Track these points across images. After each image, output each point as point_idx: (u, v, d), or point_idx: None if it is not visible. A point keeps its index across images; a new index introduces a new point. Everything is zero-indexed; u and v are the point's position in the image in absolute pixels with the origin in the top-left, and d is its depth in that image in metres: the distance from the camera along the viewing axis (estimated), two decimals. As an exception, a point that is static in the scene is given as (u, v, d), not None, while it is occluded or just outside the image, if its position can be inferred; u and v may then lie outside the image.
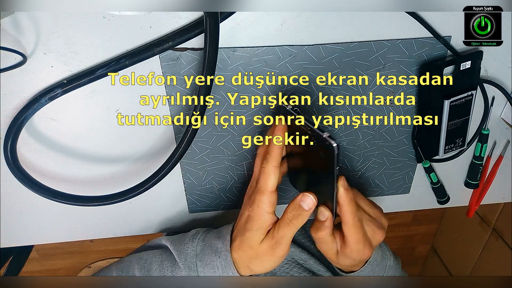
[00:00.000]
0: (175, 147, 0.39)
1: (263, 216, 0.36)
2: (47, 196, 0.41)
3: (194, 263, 0.40)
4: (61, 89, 0.38)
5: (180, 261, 0.41)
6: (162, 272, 0.42)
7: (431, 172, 0.53)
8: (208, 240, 0.41)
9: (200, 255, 0.40)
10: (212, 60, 0.35)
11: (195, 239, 0.42)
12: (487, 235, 1.37)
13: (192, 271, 0.40)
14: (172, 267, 0.42)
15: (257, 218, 0.36)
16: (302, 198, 0.36)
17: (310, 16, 0.38)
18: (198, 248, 0.41)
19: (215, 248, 0.40)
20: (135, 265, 0.44)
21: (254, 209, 0.37)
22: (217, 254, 0.39)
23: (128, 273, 0.44)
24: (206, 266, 0.39)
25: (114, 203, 0.42)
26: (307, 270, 0.51)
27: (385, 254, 0.46)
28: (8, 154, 0.39)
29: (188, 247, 0.42)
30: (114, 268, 0.46)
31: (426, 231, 1.76)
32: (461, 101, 0.44)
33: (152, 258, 0.44)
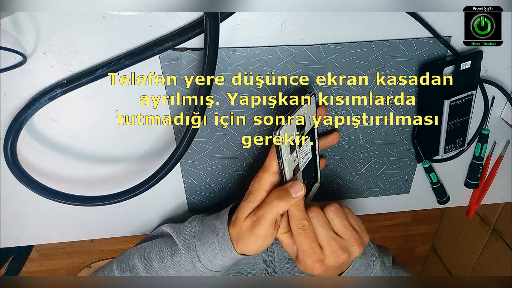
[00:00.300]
0: (175, 147, 0.39)
1: (260, 192, 0.37)
2: (47, 196, 0.41)
3: (193, 243, 0.41)
4: (61, 89, 0.38)
5: (180, 242, 0.42)
6: (162, 258, 0.43)
7: (431, 172, 0.53)
8: (207, 221, 0.43)
9: (198, 235, 0.41)
10: (212, 60, 0.35)
11: (194, 221, 0.44)
12: (487, 235, 1.37)
13: (191, 251, 0.41)
14: (171, 251, 0.42)
15: (254, 192, 0.38)
16: (292, 184, 0.36)
17: (310, 16, 0.38)
18: (197, 229, 0.42)
19: (213, 227, 0.41)
20: (135, 255, 0.45)
21: (254, 184, 0.38)
22: (215, 232, 0.40)
23: (128, 264, 0.44)
24: (204, 245, 0.40)
25: (114, 203, 0.42)
26: None
27: (370, 262, 0.45)
28: (8, 154, 0.39)
29: (187, 228, 0.43)
30: (115, 261, 0.46)
31: (426, 231, 1.76)
32: (461, 101, 0.44)
33: (152, 246, 0.45)
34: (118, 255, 0.48)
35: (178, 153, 0.39)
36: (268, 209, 0.36)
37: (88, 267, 1.63)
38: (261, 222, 0.36)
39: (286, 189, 0.36)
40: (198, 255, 0.41)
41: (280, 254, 0.52)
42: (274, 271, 0.50)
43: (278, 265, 0.51)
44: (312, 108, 0.37)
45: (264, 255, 0.51)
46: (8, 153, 0.39)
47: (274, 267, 0.50)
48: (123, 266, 0.45)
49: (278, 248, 0.53)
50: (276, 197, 0.36)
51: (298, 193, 0.36)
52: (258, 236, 0.37)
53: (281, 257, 0.52)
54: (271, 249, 0.52)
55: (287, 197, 0.36)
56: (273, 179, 0.37)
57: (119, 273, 0.44)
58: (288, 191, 0.36)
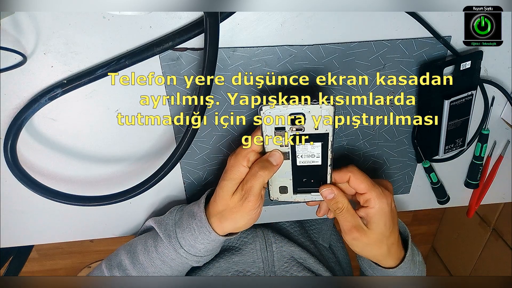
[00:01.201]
0: (175, 147, 0.39)
1: (238, 167, 0.38)
2: (47, 196, 0.41)
3: (173, 230, 0.42)
4: (61, 89, 0.38)
5: (161, 232, 0.43)
6: (147, 250, 0.44)
7: (431, 172, 0.53)
8: (186, 208, 0.44)
9: (178, 223, 0.43)
10: (212, 60, 0.35)
11: (174, 210, 0.45)
12: (487, 235, 1.37)
13: (172, 238, 0.42)
14: (154, 242, 0.43)
15: (232, 169, 0.39)
16: (270, 153, 0.38)
17: (310, 16, 0.38)
18: (176, 217, 0.44)
19: (192, 213, 0.42)
20: (122, 251, 0.46)
21: (231, 160, 0.39)
22: (193, 217, 0.41)
23: (115, 261, 0.45)
24: (184, 231, 0.41)
25: (114, 203, 0.42)
26: (306, 269, 0.51)
27: (414, 251, 0.47)
28: (8, 154, 0.39)
29: (167, 218, 0.44)
30: (104, 261, 0.47)
31: (426, 231, 1.76)
32: (461, 101, 0.44)
33: (137, 241, 0.46)
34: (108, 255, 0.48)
35: (178, 153, 0.39)
36: (254, 180, 0.38)
37: (88, 267, 1.63)
38: (251, 193, 0.38)
39: (266, 159, 0.38)
40: (180, 242, 0.42)
41: (279, 253, 0.52)
42: (273, 270, 0.50)
43: (277, 264, 0.51)
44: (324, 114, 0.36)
45: (263, 255, 0.52)
46: (8, 153, 0.39)
47: (273, 266, 0.51)
48: (111, 264, 0.45)
49: (277, 247, 0.53)
50: (260, 168, 0.38)
51: (277, 160, 0.38)
52: (249, 209, 0.39)
53: (280, 256, 0.52)
54: (270, 248, 0.52)
55: (269, 166, 0.38)
56: (252, 156, 0.38)
57: (108, 271, 0.45)
58: (268, 160, 0.38)
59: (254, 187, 0.38)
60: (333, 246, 0.66)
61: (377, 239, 0.41)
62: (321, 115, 0.36)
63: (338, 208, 0.40)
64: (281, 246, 0.53)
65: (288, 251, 0.52)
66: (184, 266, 0.44)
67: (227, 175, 0.39)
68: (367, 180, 0.40)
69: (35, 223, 0.51)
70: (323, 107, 0.35)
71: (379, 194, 0.39)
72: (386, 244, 0.42)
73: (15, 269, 0.91)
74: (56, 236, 0.53)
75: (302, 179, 0.41)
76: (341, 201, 0.40)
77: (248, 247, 0.52)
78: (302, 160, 0.39)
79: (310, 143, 0.38)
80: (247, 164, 0.38)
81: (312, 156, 0.39)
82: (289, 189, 0.42)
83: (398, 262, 0.44)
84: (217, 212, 0.40)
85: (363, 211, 0.40)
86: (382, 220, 0.40)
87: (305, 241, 0.57)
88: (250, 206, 0.39)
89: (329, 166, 0.39)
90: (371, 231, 0.40)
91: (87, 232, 0.53)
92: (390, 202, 0.41)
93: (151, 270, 0.43)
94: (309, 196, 0.42)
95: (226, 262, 0.51)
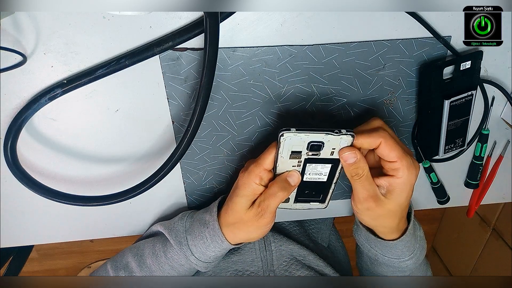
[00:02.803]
0: (175, 147, 0.39)
1: (251, 185, 0.39)
2: (47, 196, 0.41)
3: (184, 237, 0.43)
4: (61, 89, 0.38)
5: (171, 238, 0.43)
6: (155, 255, 0.44)
7: (431, 172, 0.53)
8: (197, 215, 0.44)
9: (189, 230, 0.43)
10: (212, 60, 0.35)
11: (184, 217, 0.45)
12: (487, 235, 1.37)
13: (183, 245, 0.42)
14: (164, 247, 0.44)
15: (244, 186, 0.39)
16: (289, 174, 0.39)
17: (310, 16, 0.38)
18: (187, 224, 0.44)
19: (203, 221, 0.43)
20: (128, 253, 0.46)
21: (244, 177, 0.39)
22: (206, 225, 0.42)
23: (122, 263, 0.45)
24: (195, 239, 0.42)
25: (114, 203, 0.42)
26: (305, 266, 0.51)
27: (415, 225, 0.46)
28: (8, 154, 0.39)
29: (178, 224, 0.44)
30: (109, 261, 0.47)
31: (426, 231, 1.74)
32: (461, 101, 0.44)
33: (144, 244, 0.46)
34: (113, 256, 0.48)
35: (178, 153, 0.39)
36: (272, 199, 0.38)
37: (88, 267, 1.63)
38: (267, 211, 0.39)
39: (285, 180, 0.39)
40: (191, 249, 0.42)
41: (278, 252, 0.52)
42: (272, 269, 0.50)
43: (276, 263, 0.51)
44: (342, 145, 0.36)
45: (262, 254, 0.52)
46: (8, 153, 0.39)
47: (272, 265, 0.51)
48: (117, 266, 0.45)
49: (276, 247, 0.53)
50: (280, 188, 0.38)
51: (295, 181, 0.39)
52: (264, 224, 0.40)
53: (279, 255, 0.52)
54: (269, 248, 0.53)
55: (288, 187, 0.39)
56: (264, 175, 0.39)
57: (114, 272, 0.45)
58: (287, 181, 0.39)
59: (272, 205, 0.39)
60: (332, 245, 0.66)
61: (393, 210, 0.39)
62: (339, 145, 0.36)
63: (357, 174, 0.36)
64: (280, 245, 0.53)
65: (287, 250, 0.53)
66: (191, 271, 0.45)
67: (240, 192, 0.40)
68: (398, 148, 0.36)
69: (35, 223, 0.51)
70: (343, 138, 0.35)
71: (409, 164, 0.36)
72: (399, 217, 0.40)
73: (15, 269, 0.91)
74: (56, 236, 0.53)
75: (305, 191, 0.42)
76: (362, 166, 0.36)
77: (247, 246, 0.52)
78: (309, 177, 0.40)
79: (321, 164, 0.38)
80: (260, 182, 0.39)
81: (319, 174, 0.39)
82: (291, 199, 0.43)
83: (400, 234, 0.43)
84: (230, 224, 0.41)
85: (386, 180, 0.37)
86: (406, 192, 0.37)
87: (304, 240, 0.57)
88: (265, 222, 0.40)
89: (333, 183, 0.40)
90: (390, 201, 0.38)
91: (87, 232, 0.53)
92: (417, 174, 0.38)
93: (158, 274, 0.44)
94: (307, 205, 0.43)
95: (225, 261, 0.51)
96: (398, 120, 0.47)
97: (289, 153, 0.37)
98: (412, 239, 0.45)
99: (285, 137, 0.35)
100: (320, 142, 0.35)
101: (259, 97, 0.43)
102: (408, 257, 0.45)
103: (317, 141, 0.35)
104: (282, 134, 0.35)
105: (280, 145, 0.36)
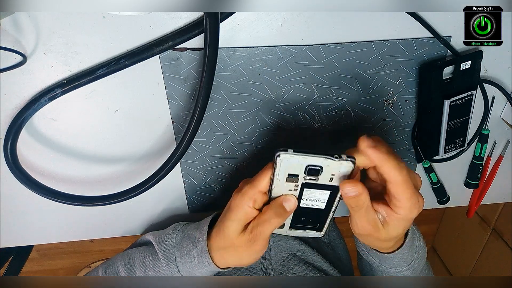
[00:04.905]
0: (175, 147, 0.39)
1: (244, 208, 0.36)
2: (47, 196, 0.41)
3: (173, 253, 0.41)
4: (61, 89, 0.38)
5: (160, 252, 0.42)
6: (144, 267, 0.43)
7: (431, 172, 0.53)
8: (188, 231, 0.42)
9: (178, 246, 0.41)
10: (212, 60, 0.35)
11: (175, 230, 0.43)
12: (487, 235, 1.37)
13: (170, 261, 0.41)
14: (153, 260, 0.42)
15: (237, 209, 0.37)
16: (284, 198, 0.36)
17: (310, 16, 0.38)
18: (177, 239, 0.42)
19: (193, 238, 0.41)
20: (120, 261, 0.45)
21: (237, 199, 0.37)
22: (194, 244, 0.40)
23: (113, 270, 0.45)
24: (183, 256, 0.40)
25: (114, 203, 0.42)
26: (304, 261, 0.51)
27: (414, 235, 0.44)
28: (8, 154, 0.39)
29: (168, 238, 0.43)
30: (101, 266, 0.47)
31: (426, 231, 1.76)
32: (461, 101, 0.44)
33: (136, 254, 0.45)
34: (105, 261, 0.48)
35: (178, 153, 0.39)
36: (266, 226, 0.36)
37: (88, 267, 1.63)
38: (260, 238, 0.36)
39: (280, 205, 0.36)
40: (178, 266, 0.41)
41: (276, 248, 0.52)
42: (270, 264, 0.50)
43: (274, 259, 0.51)
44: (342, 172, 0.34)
45: None
46: (8, 153, 0.39)
47: (270, 260, 0.51)
48: (108, 272, 0.45)
49: (275, 242, 0.53)
50: (275, 215, 0.36)
51: (291, 206, 0.36)
52: (257, 251, 0.38)
53: (277, 251, 0.52)
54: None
55: (283, 213, 0.36)
56: (258, 198, 0.37)
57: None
58: (283, 206, 0.36)
59: (265, 232, 0.36)
60: (333, 242, 0.65)
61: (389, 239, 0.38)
62: (339, 171, 0.33)
63: (357, 206, 0.35)
64: (278, 240, 0.53)
65: (286, 245, 0.52)
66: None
67: (232, 215, 0.37)
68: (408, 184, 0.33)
69: (35, 223, 0.51)
70: (343, 164, 0.33)
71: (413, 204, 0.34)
72: (396, 240, 0.40)
73: (15, 269, 0.91)
74: (56, 236, 0.53)
75: (301, 218, 0.40)
76: (363, 199, 0.34)
77: None
78: (306, 203, 0.38)
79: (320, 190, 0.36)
80: (253, 205, 0.37)
81: (317, 201, 0.37)
82: (286, 224, 0.40)
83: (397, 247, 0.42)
84: (220, 248, 0.39)
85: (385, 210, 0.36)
86: (402, 226, 0.36)
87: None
88: (257, 249, 0.37)
89: (331, 211, 0.38)
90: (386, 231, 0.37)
91: (87, 232, 0.53)
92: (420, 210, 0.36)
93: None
94: (303, 232, 0.41)
95: None
96: (398, 120, 0.47)
97: (285, 175, 0.34)
98: (409, 251, 0.43)
99: (282, 158, 0.33)
100: (319, 166, 0.33)
101: (259, 97, 0.43)
102: (405, 268, 0.44)
103: (316, 165, 0.33)
104: (278, 155, 0.32)
105: (277, 167, 0.33)
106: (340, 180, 0.34)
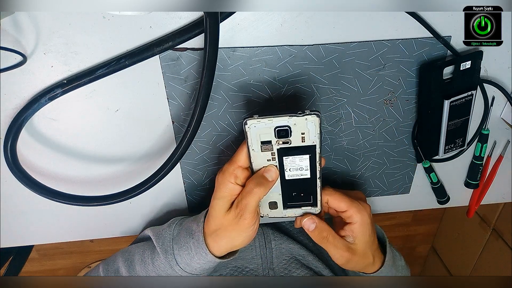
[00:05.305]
0: (175, 147, 0.39)
1: (226, 185, 0.37)
2: (47, 196, 0.41)
3: (171, 246, 0.42)
4: (61, 89, 0.38)
5: (158, 245, 0.42)
6: (143, 261, 0.43)
7: (431, 172, 0.53)
8: (185, 224, 0.43)
9: (176, 238, 0.42)
10: (212, 60, 0.35)
11: (172, 224, 0.44)
12: (487, 235, 1.37)
13: (169, 254, 0.41)
14: (152, 254, 0.43)
15: (220, 187, 0.38)
16: (265, 169, 0.37)
17: (310, 16, 0.38)
18: (175, 232, 0.43)
19: (190, 230, 0.41)
20: (120, 258, 0.46)
21: (219, 178, 0.38)
22: (191, 235, 0.41)
23: (113, 267, 0.45)
24: (181, 248, 0.41)
25: (114, 203, 0.42)
26: (304, 265, 0.51)
27: (395, 256, 0.47)
28: (8, 154, 0.39)
29: (165, 231, 0.43)
30: (102, 264, 0.47)
31: (426, 231, 1.76)
32: (461, 101, 0.44)
33: (135, 249, 0.45)
34: (106, 258, 0.48)
35: (178, 153, 0.39)
36: (250, 197, 0.37)
37: (88, 267, 1.63)
38: (246, 211, 0.37)
39: (261, 175, 0.37)
40: (176, 259, 0.41)
41: (278, 251, 0.52)
42: (271, 267, 0.50)
43: (276, 261, 0.51)
44: (311, 127, 0.35)
45: (262, 251, 0.52)
46: (8, 153, 0.39)
47: (272, 263, 0.51)
48: (108, 269, 0.45)
49: (277, 245, 0.53)
50: (256, 185, 0.37)
51: (273, 176, 0.37)
52: (245, 226, 0.38)
53: (279, 253, 0.52)
54: (269, 245, 0.53)
55: (265, 182, 0.37)
56: (239, 173, 0.38)
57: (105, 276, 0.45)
58: (264, 176, 0.37)
59: (250, 204, 0.37)
60: None
61: (364, 250, 0.42)
62: (307, 127, 0.35)
63: (324, 238, 0.40)
64: (280, 243, 0.53)
65: (287, 249, 0.53)
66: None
67: (217, 194, 0.38)
68: (345, 198, 0.40)
69: (35, 223, 0.51)
70: (308, 119, 0.34)
71: (359, 208, 0.40)
72: (371, 252, 0.43)
73: (15, 269, 0.91)
74: (56, 236, 0.53)
75: (291, 193, 0.40)
76: (325, 229, 0.40)
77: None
78: (291, 174, 0.38)
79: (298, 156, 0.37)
80: (235, 180, 0.37)
81: (300, 169, 0.38)
82: (279, 204, 0.41)
83: (379, 266, 0.44)
84: (212, 232, 0.40)
85: (348, 228, 0.41)
86: (367, 231, 0.41)
87: (304, 239, 0.57)
88: (246, 224, 0.38)
89: (318, 178, 0.38)
90: (358, 245, 0.41)
91: (87, 232, 0.53)
92: (370, 212, 0.42)
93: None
94: (299, 210, 0.41)
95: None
96: (398, 120, 0.47)
97: (259, 144, 0.36)
98: (392, 270, 0.45)
99: (249, 124, 0.34)
100: (286, 126, 0.34)
101: (259, 97, 0.43)
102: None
103: (283, 126, 0.34)
104: (245, 122, 0.34)
105: (248, 136, 0.35)
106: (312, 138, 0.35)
